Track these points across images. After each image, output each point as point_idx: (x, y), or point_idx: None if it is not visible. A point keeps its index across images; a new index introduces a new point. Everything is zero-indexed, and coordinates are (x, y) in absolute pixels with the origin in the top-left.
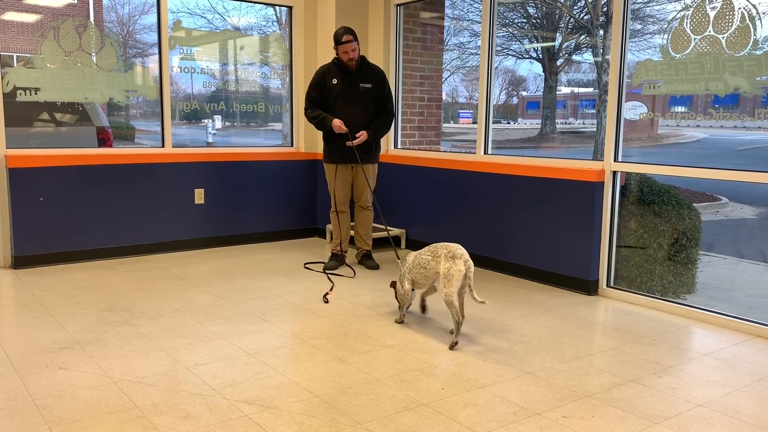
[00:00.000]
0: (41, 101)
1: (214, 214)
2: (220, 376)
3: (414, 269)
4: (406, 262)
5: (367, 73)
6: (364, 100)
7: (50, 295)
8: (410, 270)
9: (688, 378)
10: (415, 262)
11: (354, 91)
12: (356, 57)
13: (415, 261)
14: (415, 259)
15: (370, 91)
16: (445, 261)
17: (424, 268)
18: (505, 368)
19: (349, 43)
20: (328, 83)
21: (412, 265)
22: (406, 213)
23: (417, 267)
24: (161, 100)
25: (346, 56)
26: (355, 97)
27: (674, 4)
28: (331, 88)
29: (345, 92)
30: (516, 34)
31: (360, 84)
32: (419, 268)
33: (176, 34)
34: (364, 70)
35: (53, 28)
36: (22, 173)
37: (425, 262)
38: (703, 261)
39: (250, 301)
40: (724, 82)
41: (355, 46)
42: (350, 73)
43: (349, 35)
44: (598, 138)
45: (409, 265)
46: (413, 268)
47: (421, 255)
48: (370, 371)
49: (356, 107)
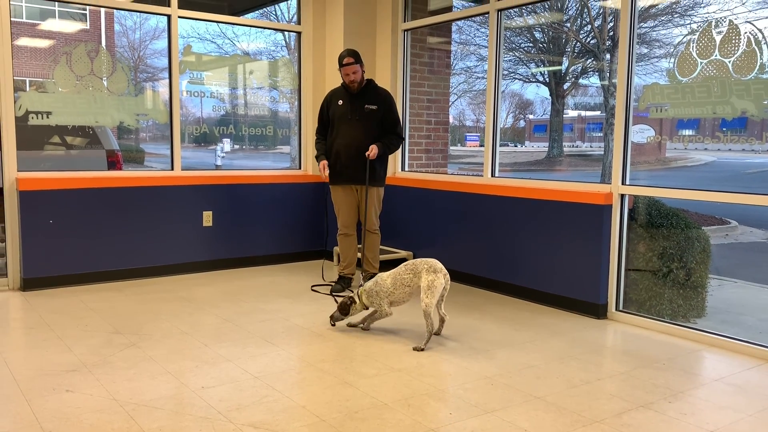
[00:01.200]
0: (53, 125)
1: (222, 236)
2: (226, 399)
3: (397, 290)
4: (382, 286)
5: (373, 95)
6: (368, 122)
7: (58, 317)
8: (391, 293)
9: (699, 404)
10: (397, 284)
11: (357, 112)
12: (358, 79)
13: (396, 282)
14: (395, 281)
15: (375, 113)
16: (427, 274)
17: (408, 287)
18: (514, 392)
19: (350, 65)
20: (334, 105)
21: (392, 287)
22: (413, 235)
23: (400, 287)
24: (171, 123)
25: (347, 78)
26: (359, 117)
27: (680, 29)
28: (336, 108)
29: (348, 113)
30: (522, 58)
31: (365, 105)
32: (403, 287)
33: (186, 58)
34: (370, 92)
35: (66, 53)
36: (32, 196)
37: (408, 280)
38: (712, 284)
39: (257, 323)
40: (732, 105)
41: (357, 69)
42: (356, 94)
43: (350, 57)
44: (606, 161)
45: (388, 289)
46: (395, 291)
47: (401, 275)
48: (377, 395)
49: (359, 128)
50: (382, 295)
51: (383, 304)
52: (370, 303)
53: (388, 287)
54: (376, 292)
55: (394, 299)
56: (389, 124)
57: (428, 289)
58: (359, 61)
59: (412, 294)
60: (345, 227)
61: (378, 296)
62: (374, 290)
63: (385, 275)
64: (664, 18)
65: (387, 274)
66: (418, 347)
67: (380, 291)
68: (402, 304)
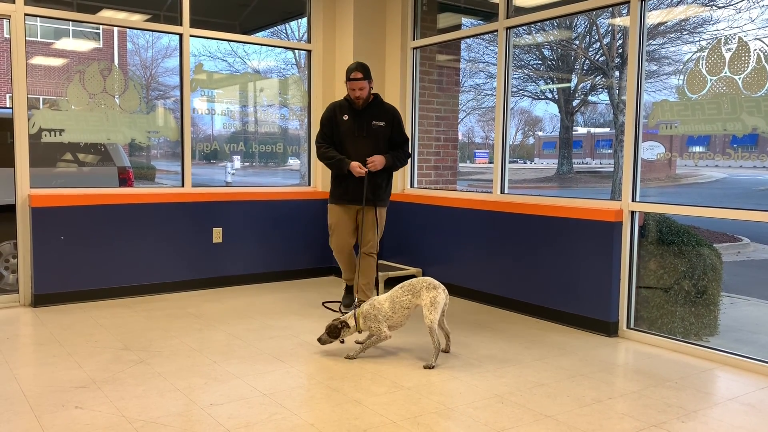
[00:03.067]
0: (65, 142)
1: (232, 252)
2: (235, 416)
3: (396, 314)
4: (380, 309)
5: (380, 112)
6: (376, 139)
7: (68, 333)
8: (390, 317)
9: (713, 423)
10: (397, 307)
11: (365, 128)
12: (364, 96)
13: (395, 306)
14: (394, 304)
15: (383, 130)
16: (428, 291)
17: (407, 309)
18: (524, 411)
19: (357, 80)
20: (339, 119)
21: (391, 311)
22: (422, 252)
23: (400, 310)
24: (182, 141)
25: (353, 93)
26: (366, 134)
27: (689, 46)
28: (341, 123)
29: (355, 129)
30: (531, 75)
31: (372, 122)
32: (402, 310)
33: (198, 76)
34: (376, 108)
35: (79, 71)
36: (44, 212)
37: (407, 302)
38: (725, 302)
39: (266, 340)
40: (742, 122)
41: (364, 85)
42: (362, 110)
43: (359, 72)
44: (616, 178)
45: (387, 313)
46: (394, 315)
47: (399, 298)
48: (386, 414)
49: (367, 145)
50: (380, 319)
51: (382, 328)
52: (367, 327)
53: (386, 311)
54: (374, 316)
55: (393, 323)
56: (398, 142)
57: (431, 305)
58: (368, 77)
59: (410, 316)
60: (339, 252)
61: (376, 320)
62: (371, 314)
63: (382, 298)
64: (673, 35)
65: (383, 297)
66: (428, 365)
67: (378, 315)
68: (400, 327)
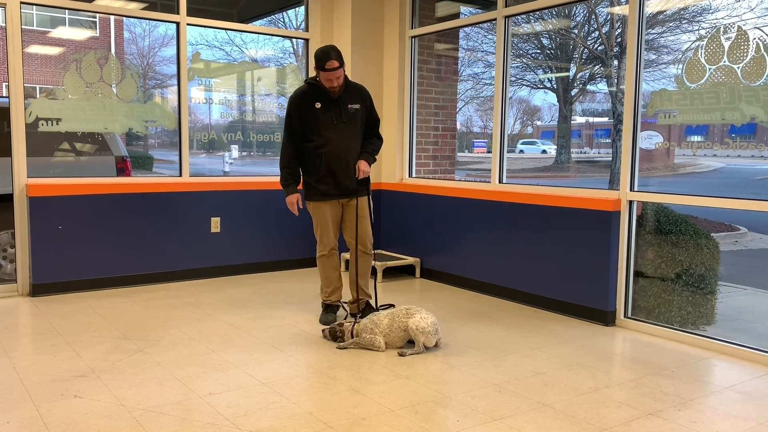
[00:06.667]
0: (62, 131)
1: (230, 242)
2: (233, 405)
3: (393, 332)
4: (378, 324)
5: (354, 94)
6: (354, 125)
7: (67, 322)
8: (387, 334)
9: (709, 412)
10: (394, 326)
11: (343, 115)
12: (341, 83)
13: (393, 324)
14: (392, 322)
15: (359, 111)
16: (419, 313)
17: (404, 331)
18: (522, 400)
19: (335, 70)
20: (309, 108)
21: (389, 329)
22: (420, 242)
23: (396, 330)
24: (179, 130)
25: (329, 84)
26: (345, 120)
27: (688, 35)
28: (314, 112)
29: (333, 117)
30: (530, 64)
31: (348, 105)
32: (399, 331)
33: (195, 65)
34: (350, 90)
35: (76, 60)
36: (42, 202)
37: (405, 325)
38: (722, 291)
39: (265, 330)
40: (741, 111)
41: (341, 73)
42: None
43: (334, 61)
44: (614, 167)
45: (384, 329)
46: (391, 332)
47: (399, 318)
48: (384, 402)
49: (347, 133)
50: (377, 332)
51: (378, 338)
52: (363, 339)
53: (384, 327)
54: (371, 329)
55: (389, 341)
56: (371, 124)
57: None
58: (342, 62)
59: (405, 339)
60: (330, 248)
61: (373, 333)
62: (369, 327)
63: (382, 314)
64: (672, 24)
65: (384, 313)
66: (402, 353)
67: (375, 328)
68: (394, 348)
